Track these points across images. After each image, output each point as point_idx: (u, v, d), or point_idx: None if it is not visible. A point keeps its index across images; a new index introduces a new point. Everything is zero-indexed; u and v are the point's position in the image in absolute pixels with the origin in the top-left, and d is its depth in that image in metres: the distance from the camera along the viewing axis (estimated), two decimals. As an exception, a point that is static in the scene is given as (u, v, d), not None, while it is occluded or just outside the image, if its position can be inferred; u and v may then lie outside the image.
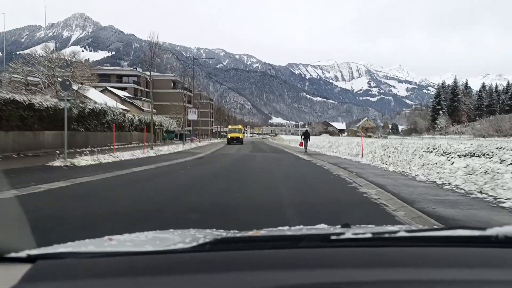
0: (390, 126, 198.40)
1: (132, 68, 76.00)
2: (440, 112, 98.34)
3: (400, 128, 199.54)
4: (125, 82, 66.69)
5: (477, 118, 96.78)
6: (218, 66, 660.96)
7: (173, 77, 72.30)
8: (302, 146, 25.43)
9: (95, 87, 49.24)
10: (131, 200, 6.53)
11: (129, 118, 28.22)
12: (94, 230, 4.13)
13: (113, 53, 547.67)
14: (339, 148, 21.86)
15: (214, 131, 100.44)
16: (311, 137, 26.15)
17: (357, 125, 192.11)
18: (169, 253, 1.02)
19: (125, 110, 40.36)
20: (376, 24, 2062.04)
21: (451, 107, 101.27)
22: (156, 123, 38.30)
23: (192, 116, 40.10)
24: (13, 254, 0.99)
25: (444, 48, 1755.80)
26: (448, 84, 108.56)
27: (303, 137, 25.05)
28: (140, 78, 67.28)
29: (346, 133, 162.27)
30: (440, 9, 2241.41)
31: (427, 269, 0.93)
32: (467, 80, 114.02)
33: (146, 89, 70.43)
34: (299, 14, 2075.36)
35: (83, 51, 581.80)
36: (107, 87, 49.86)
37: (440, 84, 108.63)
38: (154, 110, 27.10)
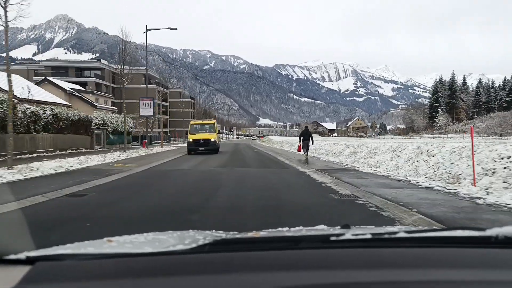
0: (378, 126, 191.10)
1: (95, 60, 65.24)
2: (439, 109, 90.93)
3: (388, 127, 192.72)
4: (87, 76, 56.31)
5: (475, 116, 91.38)
6: (204, 68, 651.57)
7: (144, 70, 62.85)
8: (300, 150, 17.28)
9: (40, 81, 38.74)
10: None
11: (28, 111, 17.40)
12: None
13: (98, 55, 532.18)
14: (378, 158, 12.56)
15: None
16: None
17: (347, 125, 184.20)
18: (168, 254, 1.02)
19: (66, 105, 30.02)
20: (362, 25, 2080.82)
21: (449, 104, 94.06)
22: (97, 121, 27.62)
23: (145, 111, 29.62)
24: (12, 256, 0.99)
25: (428, 48, 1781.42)
26: (445, 80, 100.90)
27: (301, 138, 16.89)
28: (104, 72, 57.03)
29: (336, 134, 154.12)
30: (423, 10, 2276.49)
31: (427, 269, 0.93)
32: (464, 76, 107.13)
33: (112, 84, 59.80)
34: (286, 15, 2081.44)
35: (66, 53, 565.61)
36: (47, 78, 39.24)
37: (438, 80, 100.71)
38: (111, 107, 17.06)
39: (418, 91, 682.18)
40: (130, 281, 0.87)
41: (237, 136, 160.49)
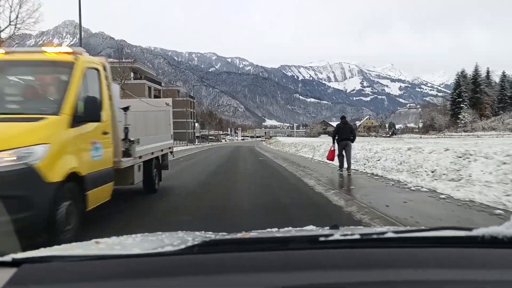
0: (387, 125, 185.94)
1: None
2: (463, 105, 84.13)
3: (397, 126, 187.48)
4: None
5: (501, 112, 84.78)
6: (210, 70, 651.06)
7: (133, 63, 56.92)
8: (332, 159, 11.10)
9: None
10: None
11: None
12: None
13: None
14: None
15: (197, 134, 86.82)
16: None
17: (358, 124, 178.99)
18: (157, 255, 1.01)
19: None
20: (367, 24, 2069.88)
21: (472, 99, 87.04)
22: None
23: None
24: None
25: (434, 45, 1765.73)
26: (466, 73, 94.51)
27: (337, 138, 10.66)
28: None
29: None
30: (429, 7, 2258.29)
31: (415, 269, 0.94)
32: (488, 68, 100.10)
33: None
34: (290, 16, 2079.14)
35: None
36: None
37: (460, 73, 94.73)
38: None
39: (426, 89, 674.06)
40: (118, 283, 0.86)
41: (242, 138, 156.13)
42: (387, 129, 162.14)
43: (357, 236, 1.07)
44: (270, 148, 37.96)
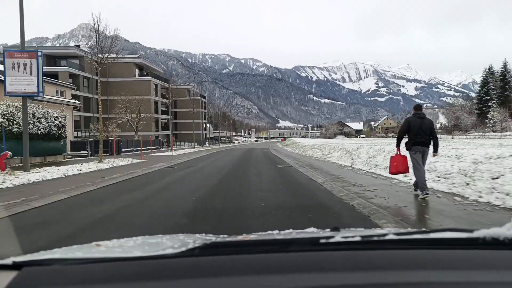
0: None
1: (74, 45, 54.06)
2: (491, 103, 78.99)
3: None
4: (63, 66, 45.86)
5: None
6: (224, 71, 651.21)
7: (138, 59, 52.90)
8: (406, 171, 6.47)
9: None
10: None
11: None
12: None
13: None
14: None
15: (209, 136, 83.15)
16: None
17: (375, 125, 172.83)
18: (158, 258, 1.01)
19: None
20: (381, 23, 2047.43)
21: (501, 97, 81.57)
22: None
23: (20, 82, 12.49)
24: None
25: (451, 44, 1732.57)
26: (494, 70, 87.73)
27: (411, 140, 6.22)
28: (83, 60, 46.40)
29: (363, 135, 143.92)
30: (444, 5, 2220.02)
31: (416, 271, 0.94)
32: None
33: (95, 77, 47.70)
34: (304, 16, 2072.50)
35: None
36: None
37: (487, 70, 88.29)
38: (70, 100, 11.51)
39: (443, 89, 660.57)
40: (119, 286, 0.86)
41: (256, 139, 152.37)
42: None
43: (358, 238, 1.07)
44: (288, 151, 33.05)
